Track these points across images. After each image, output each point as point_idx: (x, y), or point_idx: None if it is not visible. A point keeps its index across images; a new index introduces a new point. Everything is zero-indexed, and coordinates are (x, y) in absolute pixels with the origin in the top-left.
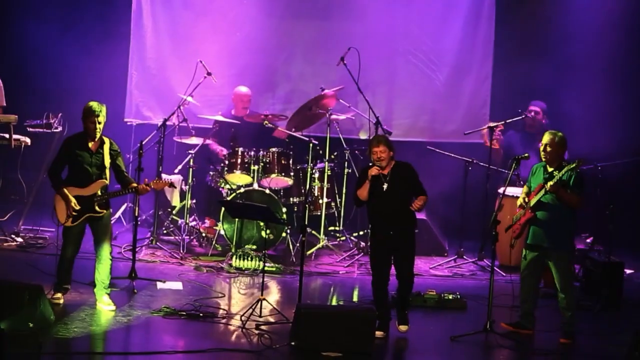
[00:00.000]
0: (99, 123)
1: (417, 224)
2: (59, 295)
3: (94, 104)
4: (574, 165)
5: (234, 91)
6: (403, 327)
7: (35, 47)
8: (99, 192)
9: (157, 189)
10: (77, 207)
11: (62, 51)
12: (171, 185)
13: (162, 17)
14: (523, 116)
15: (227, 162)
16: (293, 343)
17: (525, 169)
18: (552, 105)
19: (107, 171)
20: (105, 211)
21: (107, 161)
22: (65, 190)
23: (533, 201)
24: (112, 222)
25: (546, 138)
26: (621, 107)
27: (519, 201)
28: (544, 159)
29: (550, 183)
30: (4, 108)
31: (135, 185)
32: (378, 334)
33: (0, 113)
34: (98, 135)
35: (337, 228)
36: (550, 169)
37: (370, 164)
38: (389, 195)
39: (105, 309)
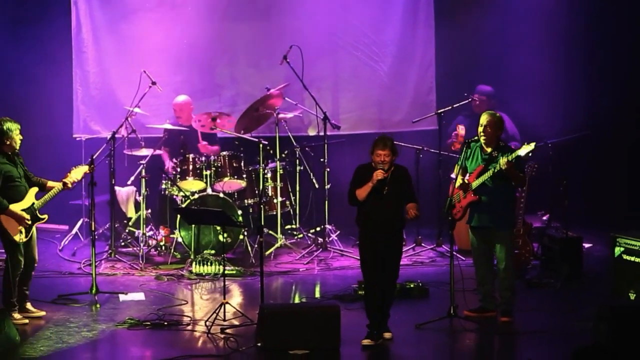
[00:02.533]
0: (21, 136)
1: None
2: (20, 315)
3: (11, 121)
4: (528, 148)
5: (173, 103)
6: (387, 335)
7: None
8: (35, 201)
9: (79, 178)
10: (28, 219)
11: (7, 69)
12: (90, 170)
13: (103, 30)
14: (470, 100)
15: (179, 169)
16: (259, 344)
17: None
18: (498, 85)
19: None
20: (45, 216)
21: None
22: (12, 208)
23: (477, 183)
24: (69, 238)
25: (485, 119)
26: (567, 84)
27: (458, 182)
28: (482, 140)
29: (503, 160)
30: None
31: (59, 184)
32: (364, 342)
33: None
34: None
35: (293, 226)
36: (488, 150)
37: (371, 164)
38: (387, 199)
39: (37, 316)
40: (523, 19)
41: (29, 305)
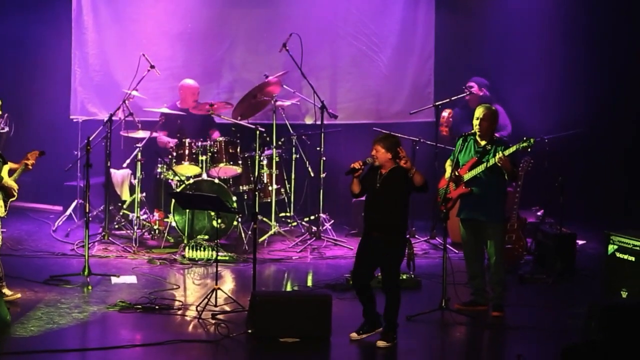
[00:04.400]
0: None
1: (403, 231)
2: (10, 291)
3: None
4: (525, 144)
5: (180, 84)
6: (380, 343)
7: None
8: (6, 178)
9: (32, 159)
10: (16, 188)
11: (4, 50)
12: (41, 153)
13: (103, 12)
14: (467, 93)
15: (175, 153)
16: (250, 331)
17: None
18: (495, 80)
19: None
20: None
21: None
22: (5, 179)
23: (469, 175)
24: (63, 219)
25: (480, 112)
26: (565, 80)
27: (447, 174)
28: (477, 133)
29: (498, 156)
30: None
31: (20, 164)
32: (351, 335)
33: None
34: None
35: (288, 214)
36: (482, 143)
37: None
38: (380, 195)
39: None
40: (523, 13)
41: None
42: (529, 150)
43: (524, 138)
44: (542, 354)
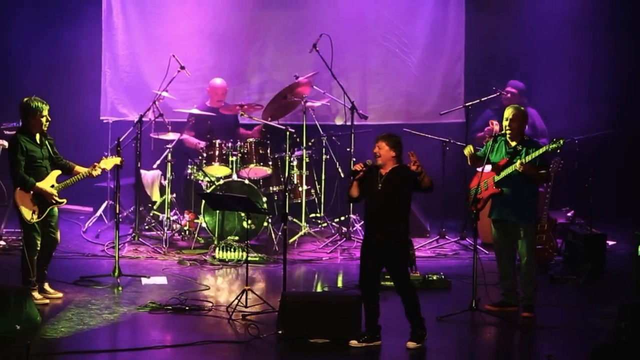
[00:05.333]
0: (49, 117)
1: (407, 233)
2: (40, 295)
3: (39, 101)
4: (555, 145)
5: (209, 84)
6: (409, 344)
7: (7, 49)
8: (55, 183)
9: (107, 169)
10: (57, 195)
11: (35, 52)
12: (121, 162)
13: (133, 13)
14: (497, 94)
15: (205, 154)
16: (280, 332)
17: None
18: (526, 80)
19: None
20: (64, 200)
21: (51, 151)
22: (39, 185)
23: (500, 176)
24: (94, 220)
25: (509, 112)
26: (596, 80)
27: (467, 150)
28: (508, 134)
29: (520, 162)
30: None
31: (86, 169)
32: (351, 342)
33: None
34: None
35: (318, 215)
36: (513, 144)
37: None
38: (381, 197)
39: (53, 297)
40: (554, 12)
41: (47, 286)
42: (559, 151)
43: (554, 139)
44: (572, 354)
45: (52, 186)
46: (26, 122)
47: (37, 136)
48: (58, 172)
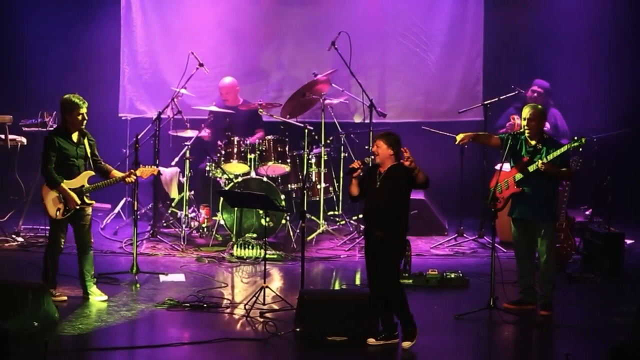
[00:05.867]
0: (86, 115)
1: (404, 230)
2: (58, 292)
3: (77, 98)
4: (576, 143)
5: (219, 85)
6: (404, 344)
7: (26, 47)
8: (86, 184)
9: (144, 177)
10: (79, 202)
11: (53, 49)
12: (158, 173)
13: (152, 10)
14: (516, 92)
15: (223, 151)
16: (298, 329)
17: None
18: (545, 78)
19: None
20: (93, 202)
21: (89, 152)
22: (64, 186)
23: (520, 175)
24: (112, 216)
25: (527, 111)
26: (614, 79)
27: (460, 137)
28: (527, 133)
29: (541, 162)
30: None
31: (121, 175)
32: (369, 340)
33: None
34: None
35: (336, 212)
36: (532, 142)
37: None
38: (380, 194)
39: (97, 300)
40: (573, 10)
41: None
42: (580, 149)
43: (575, 138)
44: (590, 353)
45: (82, 187)
46: (63, 119)
47: (75, 135)
48: (91, 173)
